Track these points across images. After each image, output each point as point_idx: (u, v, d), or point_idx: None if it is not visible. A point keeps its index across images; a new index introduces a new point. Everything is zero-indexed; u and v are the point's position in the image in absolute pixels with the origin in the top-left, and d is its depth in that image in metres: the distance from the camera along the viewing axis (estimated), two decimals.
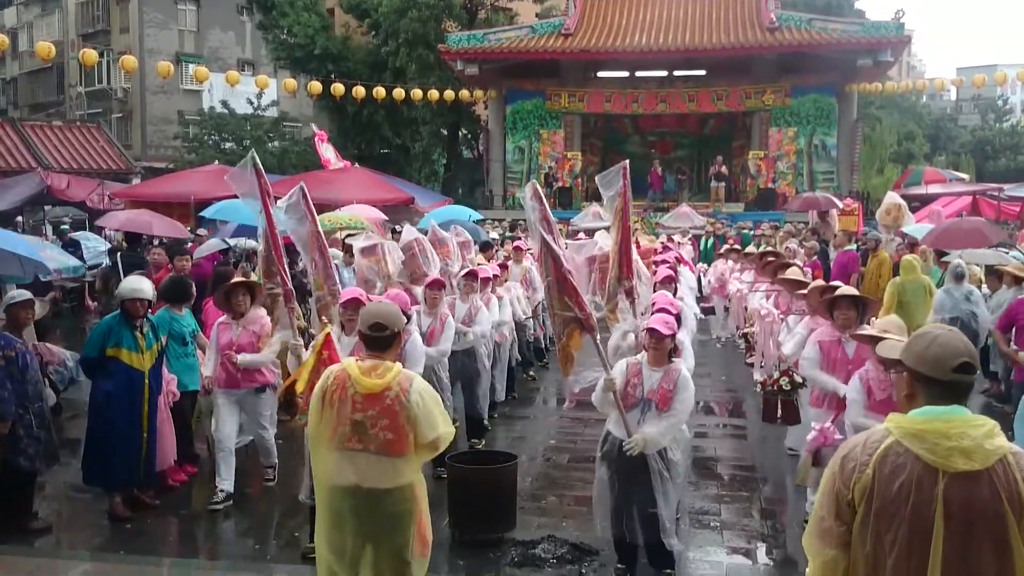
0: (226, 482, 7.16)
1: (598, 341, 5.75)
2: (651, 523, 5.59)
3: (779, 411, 8.18)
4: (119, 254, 14.40)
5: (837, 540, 2.70)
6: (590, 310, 5.83)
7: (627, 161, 6.74)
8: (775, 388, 7.93)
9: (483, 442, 8.79)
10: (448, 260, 9.52)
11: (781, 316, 9.16)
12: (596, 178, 6.90)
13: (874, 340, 5.42)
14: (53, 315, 11.18)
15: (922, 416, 2.64)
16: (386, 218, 16.76)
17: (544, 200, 6.13)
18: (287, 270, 6.67)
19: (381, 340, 4.30)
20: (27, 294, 7.43)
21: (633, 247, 7.09)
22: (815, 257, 13.71)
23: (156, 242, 18.99)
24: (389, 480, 4.19)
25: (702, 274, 16.51)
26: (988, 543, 2.52)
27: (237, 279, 7.56)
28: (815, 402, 6.74)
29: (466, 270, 9.11)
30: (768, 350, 9.44)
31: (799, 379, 7.61)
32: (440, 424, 4.24)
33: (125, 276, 13.28)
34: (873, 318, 6.59)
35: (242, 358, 7.13)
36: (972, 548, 2.53)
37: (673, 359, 5.70)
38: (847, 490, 2.66)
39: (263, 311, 7.24)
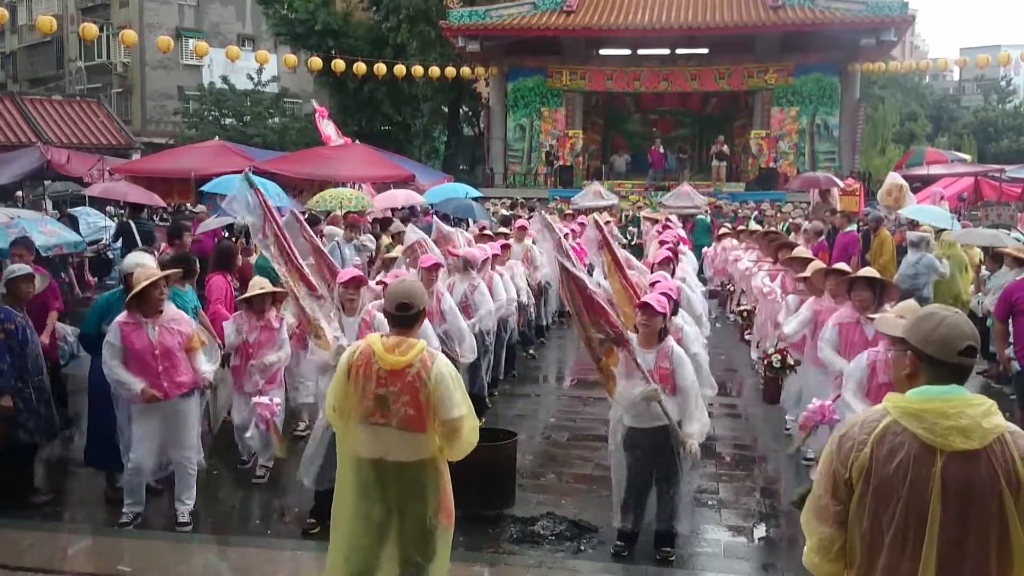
0: (136, 506, 6.29)
1: (634, 353, 5.69)
2: (667, 507, 5.71)
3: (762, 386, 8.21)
4: (133, 223, 14.54)
5: (833, 519, 2.72)
6: (620, 326, 5.78)
7: (598, 216, 6.79)
8: (767, 363, 7.94)
9: (484, 420, 8.81)
10: (453, 257, 9.52)
11: (783, 296, 9.16)
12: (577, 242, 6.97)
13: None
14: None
15: (921, 396, 2.65)
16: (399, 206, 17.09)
17: (555, 228, 6.15)
18: (309, 277, 6.26)
19: (408, 319, 4.37)
20: (27, 268, 7.41)
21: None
22: (821, 238, 13.68)
23: (156, 219, 19.18)
24: (412, 454, 4.30)
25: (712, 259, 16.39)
26: (985, 522, 2.54)
27: (153, 277, 6.16)
28: (836, 383, 6.74)
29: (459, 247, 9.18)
30: (767, 329, 9.45)
31: (791, 361, 7.61)
32: (462, 405, 4.27)
33: (142, 243, 13.54)
34: (890, 302, 6.55)
35: (207, 369, 6.25)
36: (969, 527, 2.55)
37: (664, 338, 5.72)
38: (844, 469, 2.67)
39: (171, 305, 6.37)
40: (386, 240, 13.20)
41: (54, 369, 7.84)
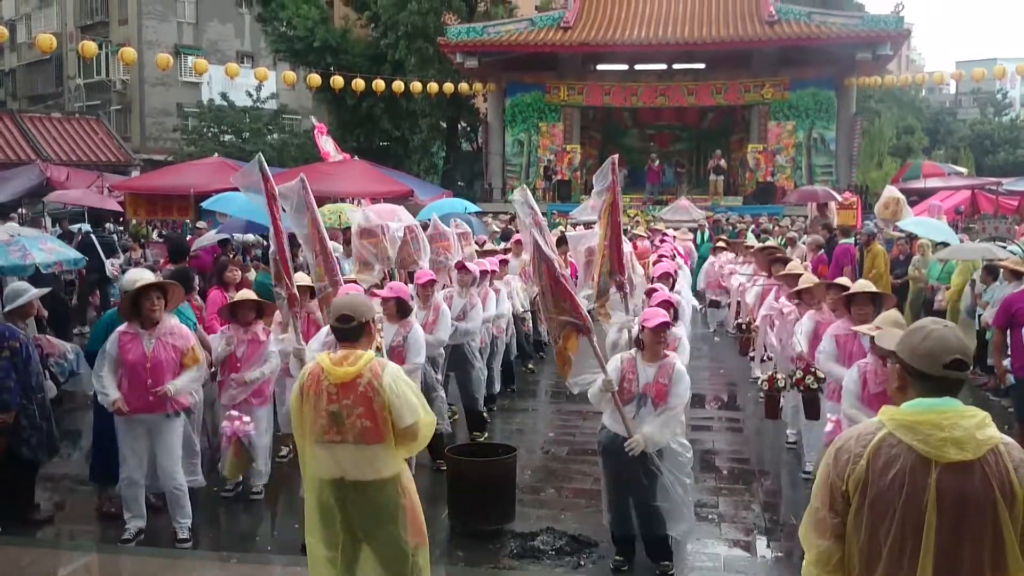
0: (137, 519, 6.25)
1: (595, 342, 5.74)
2: (649, 516, 5.65)
3: (804, 407, 8.03)
4: (93, 235, 14.63)
5: (831, 531, 2.74)
6: (585, 312, 5.82)
7: (616, 156, 6.71)
8: (803, 388, 7.78)
9: (485, 435, 8.82)
10: (447, 254, 9.52)
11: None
12: (593, 176, 6.90)
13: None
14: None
15: (915, 408, 2.68)
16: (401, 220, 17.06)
17: (536, 206, 6.16)
18: (292, 274, 6.43)
19: (349, 331, 4.31)
20: (31, 288, 7.39)
21: (627, 242, 7.08)
22: (821, 251, 13.73)
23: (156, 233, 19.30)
24: (372, 471, 4.22)
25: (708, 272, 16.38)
26: (980, 532, 2.56)
27: (148, 280, 6.41)
28: (831, 395, 6.81)
29: (456, 260, 9.17)
30: (783, 347, 9.38)
31: (821, 374, 7.57)
32: (418, 409, 4.22)
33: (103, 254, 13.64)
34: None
35: (177, 385, 6.09)
36: (965, 537, 2.56)
37: (667, 353, 5.74)
38: (841, 482, 2.70)
39: (175, 319, 6.42)
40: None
41: None
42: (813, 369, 7.61)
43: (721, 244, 16.52)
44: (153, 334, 6.11)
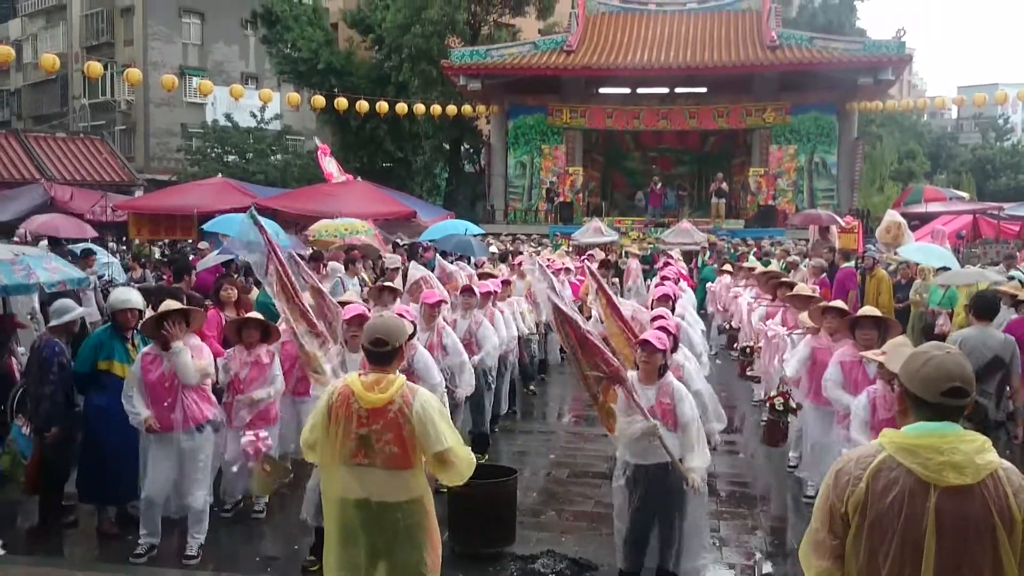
0: (151, 536, 6.33)
1: (632, 390, 5.63)
2: (670, 543, 5.67)
3: (764, 430, 8.13)
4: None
5: (830, 552, 2.75)
6: (616, 362, 5.76)
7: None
8: (769, 405, 7.89)
9: (486, 456, 8.79)
10: (455, 294, 9.56)
11: (787, 333, 9.15)
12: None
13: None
14: None
15: (915, 431, 2.69)
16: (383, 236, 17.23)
17: (548, 272, 6.23)
18: (313, 316, 6.28)
19: (383, 355, 4.29)
20: (76, 307, 7.31)
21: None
22: (823, 275, 13.73)
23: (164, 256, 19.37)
24: (399, 493, 4.21)
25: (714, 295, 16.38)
26: (979, 557, 2.57)
27: (172, 306, 6.48)
28: (839, 420, 6.78)
29: (462, 285, 9.21)
30: (771, 370, 9.42)
31: (793, 404, 7.57)
32: (447, 436, 4.19)
33: None
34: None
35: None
36: (964, 562, 2.57)
37: (664, 374, 5.73)
38: (841, 504, 2.71)
39: (197, 339, 6.58)
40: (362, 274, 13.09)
41: None
42: (789, 394, 7.62)
43: (727, 268, 16.49)
44: (170, 355, 6.24)
